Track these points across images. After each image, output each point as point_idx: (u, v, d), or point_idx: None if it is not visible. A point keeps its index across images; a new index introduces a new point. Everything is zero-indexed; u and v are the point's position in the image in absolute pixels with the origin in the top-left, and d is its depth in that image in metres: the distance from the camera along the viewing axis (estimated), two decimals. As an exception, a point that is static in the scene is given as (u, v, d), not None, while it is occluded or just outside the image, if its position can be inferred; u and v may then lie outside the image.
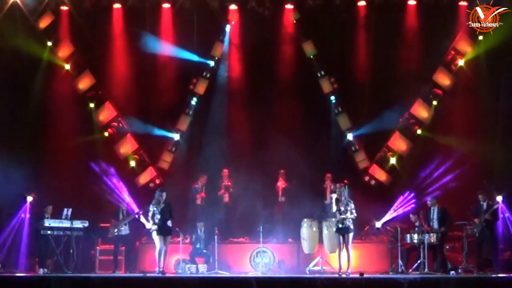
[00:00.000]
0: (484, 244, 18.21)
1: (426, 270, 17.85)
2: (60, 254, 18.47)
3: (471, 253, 18.61)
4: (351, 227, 16.87)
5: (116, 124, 21.59)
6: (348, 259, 16.83)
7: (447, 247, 18.79)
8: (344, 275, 16.54)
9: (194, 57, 21.55)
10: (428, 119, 21.26)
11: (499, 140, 20.58)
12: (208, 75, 21.73)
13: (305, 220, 19.06)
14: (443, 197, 19.32)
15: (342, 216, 16.77)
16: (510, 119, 20.64)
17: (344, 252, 17.01)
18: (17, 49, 21.02)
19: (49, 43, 21.44)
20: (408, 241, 18.45)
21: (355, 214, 16.90)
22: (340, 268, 16.88)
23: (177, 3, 21.27)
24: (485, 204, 18.26)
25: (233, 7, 21.36)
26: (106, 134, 21.56)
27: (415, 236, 18.32)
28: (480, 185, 19.06)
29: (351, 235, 16.87)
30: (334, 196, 16.99)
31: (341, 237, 16.84)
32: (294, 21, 21.53)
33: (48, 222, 18.66)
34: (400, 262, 18.25)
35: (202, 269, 18.65)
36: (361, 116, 21.47)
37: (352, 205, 16.90)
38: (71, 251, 18.54)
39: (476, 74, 21.00)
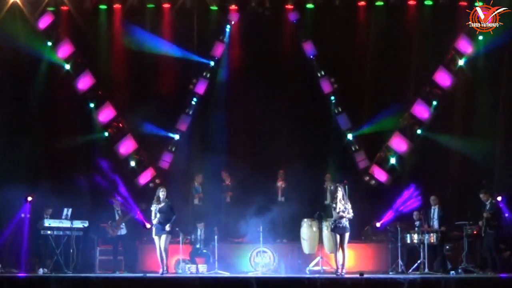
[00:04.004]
0: (484, 244, 18.17)
1: (426, 270, 17.86)
2: (60, 254, 18.49)
3: (471, 253, 18.63)
4: (348, 226, 16.83)
5: (116, 124, 21.60)
6: (343, 259, 16.78)
7: (447, 247, 18.78)
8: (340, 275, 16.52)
9: (194, 57, 21.55)
10: (428, 119, 21.25)
11: (499, 140, 20.59)
12: (208, 75, 21.74)
13: (305, 220, 19.08)
14: (444, 197, 19.31)
15: (340, 215, 16.74)
16: (510, 119, 20.64)
17: (340, 252, 16.97)
18: (17, 49, 21.04)
19: (49, 43, 21.44)
20: (408, 241, 18.47)
21: (352, 214, 16.88)
22: (338, 267, 16.86)
23: (177, 3, 21.27)
24: (488, 204, 18.17)
25: (233, 7, 21.37)
26: (106, 134, 21.58)
27: (415, 236, 18.34)
28: (480, 185, 19.06)
29: (347, 235, 16.80)
30: (340, 193, 16.89)
31: (338, 237, 16.81)
32: (294, 21, 21.55)
33: (48, 222, 18.70)
34: (400, 262, 18.27)
35: (202, 269, 18.65)
36: (361, 116, 21.47)
37: (349, 205, 16.87)
38: (71, 251, 18.57)
39: (476, 74, 20.99)
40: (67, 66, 21.49)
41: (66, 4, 21.12)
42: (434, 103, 21.20)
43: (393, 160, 21.26)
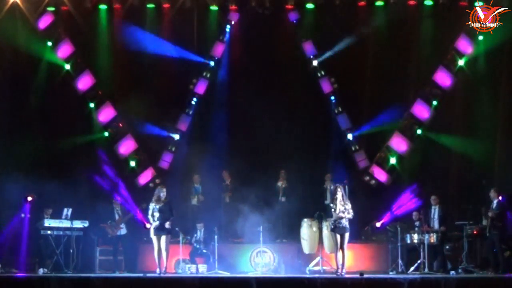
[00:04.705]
0: (487, 243, 18.13)
1: (426, 270, 17.86)
2: (60, 254, 18.50)
3: (471, 253, 18.62)
4: (348, 226, 16.83)
5: (116, 124, 21.60)
6: (342, 259, 16.80)
7: (447, 247, 18.79)
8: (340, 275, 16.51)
9: (194, 57, 21.55)
10: (428, 119, 21.25)
11: (499, 140, 20.59)
12: (208, 75, 21.75)
13: (305, 220, 19.06)
14: (444, 197, 19.30)
15: (340, 215, 16.76)
16: (510, 119, 20.65)
17: (340, 252, 16.97)
18: (17, 49, 21.04)
19: (49, 43, 21.45)
20: (408, 241, 18.47)
21: (352, 214, 16.87)
22: (337, 267, 16.87)
23: (177, 3, 21.27)
24: (494, 202, 18.09)
25: (233, 7, 21.38)
26: (106, 134, 21.58)
27: (415, 236, 18.34)
28: (480, 185, 19.06)
29: (347, 235, 16.81)
30: (340, 194, 16.91)
31: (338, 237, 16.82)
32: (294, 21, 21.56)
33: (48, 222, 18.71)
34: (400, 262, 18.27)
35: (202, 269, 18.65)
36: (361, 116, 21.47)
37: (349, 205, 16.87)
38: (71, 251, 18.58)
39: (476, 74, 21.00)
40: (67, 66, 21.48)
41: (66, 4, 21.11)
42: (434, 103, 21.20)
43: (393, 160, 21.26)
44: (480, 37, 20.62)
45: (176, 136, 21.66)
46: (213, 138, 21.19)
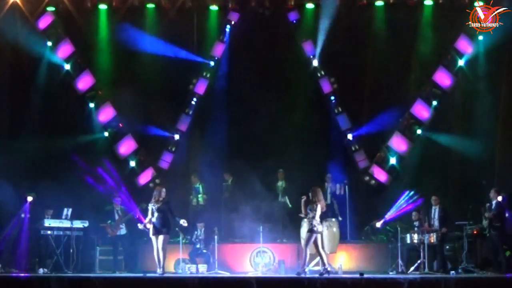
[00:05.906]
0: (487, 243, 18.14)
1: (426, 270, 17.86)
2: (60, 254, 18.50)
3: (471, 253, 18.62)
4: (311, 227, 16.53)
5: (116, 124, 21.60)
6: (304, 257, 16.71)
7: (447, 247, 18.79)
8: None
9: (194, 57, 21.56)
10: (428, 119, 21.25)
11: (499, 140, 20.59)
12: (208, 75, 21.75)
13: (305, 220, 19.01)
14: (444, 197, 19.30)
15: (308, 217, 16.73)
16: (510, 119, 20.65)
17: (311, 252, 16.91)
18: (17, 49, 21.05)
19: (49, 43, 21.45)
20: (408, 241, 18.46)
21: (317, 217, 16.61)
22: (324, 265, 16.84)
23: (177, 3, 21.28)
24: (493, 203, 18.05)
25: (233, 7, 21.38)
26: (106, 134, 21.59)
27: (415, 236, 18.34)
28: (480, 185, 19.06)
29: (313, 236, 16.57)
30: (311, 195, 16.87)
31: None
32: (294, 21, 21.57)
33: (48, 222, 18.71)
34: (400, 262, 18.26)
35: (202, 269, 18.65)
36: (361, 116, 21.48)
37: (317, 207, 16.71)
38: (71, 251, 18.58)
39: (476, 74, 21.00)
40: (67, 66, 21.50)
41: (66, 4, 21.13)
42: (434, 103, 21.21)
43: (393, 160, 21.26)
44: (480, 37, 20.64)
45: (176, 136, 21.67)
46: (213, 138, 21.20)
